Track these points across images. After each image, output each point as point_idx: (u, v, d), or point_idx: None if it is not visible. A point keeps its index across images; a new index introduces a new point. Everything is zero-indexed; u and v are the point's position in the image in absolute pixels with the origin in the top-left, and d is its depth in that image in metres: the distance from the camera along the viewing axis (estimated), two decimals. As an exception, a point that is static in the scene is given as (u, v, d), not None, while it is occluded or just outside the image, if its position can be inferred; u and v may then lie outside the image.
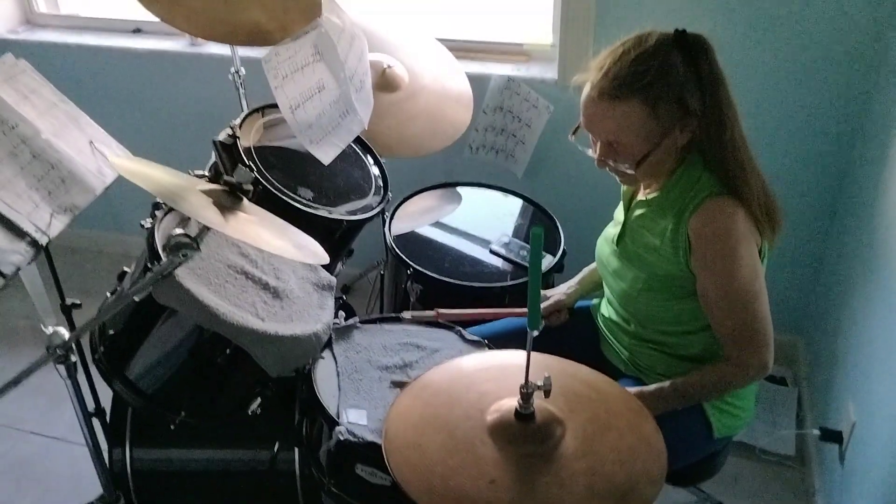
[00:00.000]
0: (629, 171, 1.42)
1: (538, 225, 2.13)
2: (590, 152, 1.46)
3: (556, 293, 1.84)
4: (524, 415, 1.14)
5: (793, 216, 2.37)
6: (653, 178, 1.48)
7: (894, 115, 1.90)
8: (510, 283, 1.93)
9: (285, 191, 1.73)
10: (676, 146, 1.40)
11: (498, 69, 2.39)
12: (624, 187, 1.63)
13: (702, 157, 1.42)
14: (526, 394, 1.13)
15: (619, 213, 1.60)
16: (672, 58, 1.33)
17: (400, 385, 1.52)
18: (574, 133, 1.47)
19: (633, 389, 1.48)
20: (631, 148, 1.39)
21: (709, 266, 1.39)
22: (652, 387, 1.50)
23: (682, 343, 1.53)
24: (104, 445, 1.63)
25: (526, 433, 1.13)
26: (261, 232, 1.30)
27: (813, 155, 2.25)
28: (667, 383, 1.49)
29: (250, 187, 1.30)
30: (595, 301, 1.81)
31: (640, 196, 1.53)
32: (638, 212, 1.52)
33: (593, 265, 1.81)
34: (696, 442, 1.56)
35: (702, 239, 1.38)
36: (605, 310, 1.70)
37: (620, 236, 1.55)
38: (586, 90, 1.39)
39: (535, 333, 1.12)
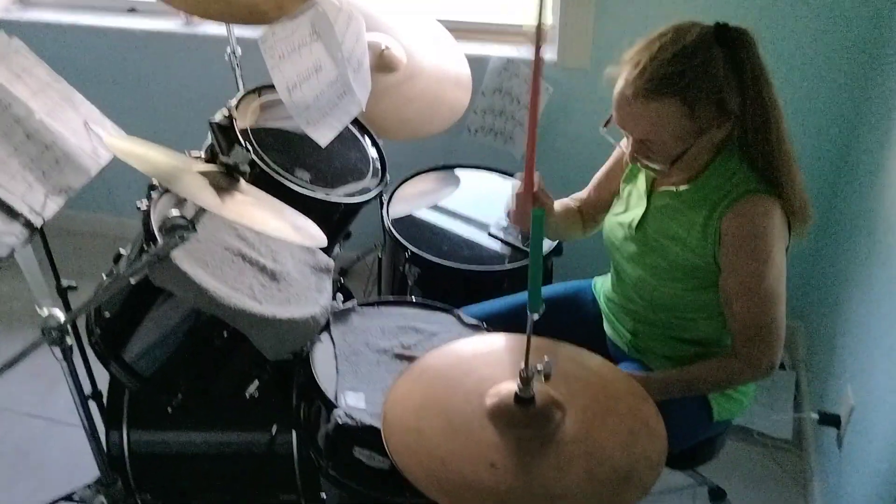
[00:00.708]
0: (662, 168, 1.38)
1: (539, 207, 2.11)
2: (622, 144, 1.44)
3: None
4: (524, 399, 1.13)
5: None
6: (685, 172, 1.45)
7: (895, 100, 1.88)
8: (508, 266, 1.92)
9: (282, 172, 1.71)
10: (713, 143, 1.37)
11: (497, 50, 2.37)
12: (601, 172, 1.63)
13: (740, 153, 1.38)
14: (525, 378, 1.12)
15: (638, 199, 1.55)
16: (713, 56, 1.27)
17: (405, 358, 1.51)
18: (606, 124, 1.41)
19: (639, 375, 1.47)
20: (665, 147, 1.35)
21: (739, 263, 1.37)
22: (658, 374, 1.49)
23: (690, 327, 1.52)
24: (101, 428, 1.63)
25: (525, 417, 1.13)
26: (258, 213, 1.28)
27: (812, 139, 2.24)
28: (674, 372, 1.48)
29: (247, 168, 1.28)
30: (596, 280, 1.80)
31: (667, 186, 1.48)
32: (664, 201, 1.48)
33: (569, 201, 1.79)
34: (695, 425, 1.56)
35: (735, 236, 1.36)
36: (609, 290, 1.69)
37: (641, 223, 1.52)
38: (619, 86, 1.34)
39: (536, 317, 1.12)
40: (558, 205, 1.75)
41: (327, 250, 1.76)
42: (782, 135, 1.36)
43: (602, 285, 1.76)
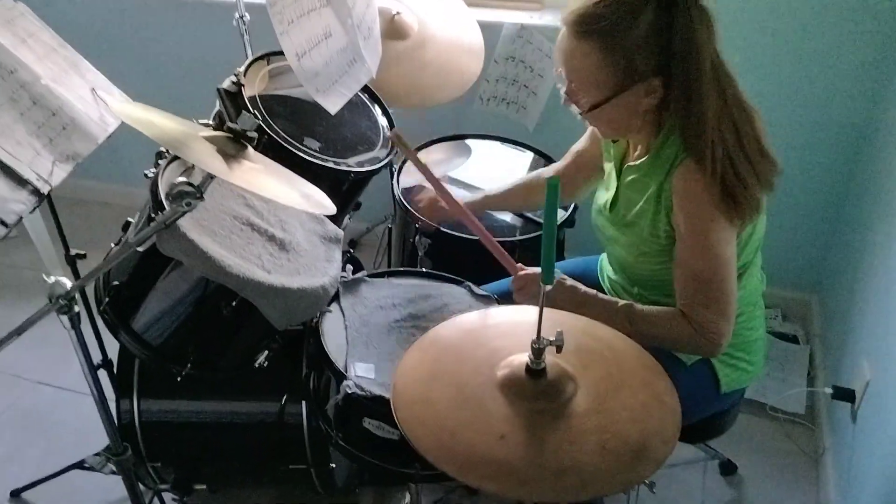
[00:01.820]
0: (579, 115, 1.38)
1: (554, 176, 2.08)
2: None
3: (469, 196, 1.83)
4: (535, 370, 1.12)
5: (810, 174, 2.34)
6: (617, 132, 1.43)
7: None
8: (520, 237, 1.90)
9: (291, 141, 1.69)
10: (640, 107, 1.33)
11: (510, 17, 2.32)
12: (581, 143, 1.61)
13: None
14: (537, 349, 1.11)
15: (610, 178, 1.54)
16: (642, 12, 1.24)
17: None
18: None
19: (588, 290, 1.44)
20: (584, 92, 1.34)
21: (685, 224, 1.34)
22: (605, 296, 1.46)
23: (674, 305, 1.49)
24: (111, 397, 1.63)
25: (537, 389, 1.11)
26: (266, 181, 1.26)
27: (832, 115, 2.20)
28: (620, 301, 1.44)
29: (255, 134, 1.26)
30: (602, 256, 1.77)
31: (632, 161, 1.47)
32: (629, 177, 1.46)
33: (530, 177, 1.79)
34: (703, 398, 1.54)
35: (680, 197, 1.33)
36: (608, 270, 1.67)
37: (613, 203, 1.51)
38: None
39: (548, 288, 1.09)
40: (512, 185, 1.81)
41: (337, 221, 1.74)
42: (709, 111, 1.28)
43: (605, 263, 1.74)
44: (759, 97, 1.32)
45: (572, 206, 1.95)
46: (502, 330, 1.27)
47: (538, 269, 1.45)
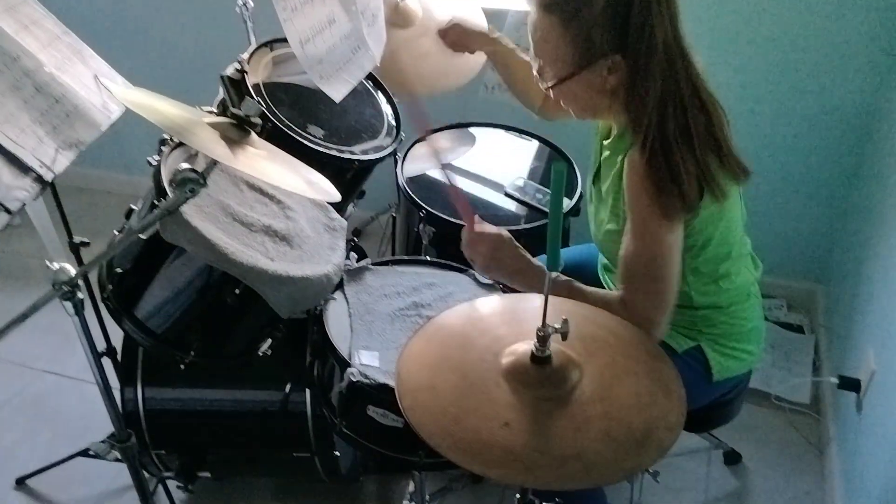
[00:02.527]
0: (545, 89, 1.38)
1: (560, 162, 2.07)
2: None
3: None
4: (540, 358, 1.11)
5: (815, 163, 2.32)
6: (585, 111, 1.42)
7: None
8: (525, 226, 1.89)
9: (295, 128, 1.68)
10: (606, 85, 1.32)
11: (515, 4, 2.30)
12: (598, 125, 1.58)
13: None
14: (542, 336, 1.10)
15: (596, 154, 1.54)
16: None
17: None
18: None
19: (536, 261, 1.42)
20: (549, 67, 1.35)
21: (630, 205, 1.32)
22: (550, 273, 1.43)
23: None
24: (115, 385, 1.63)
25: (542, 376, 1.11)
26: (270, 167, 1.26)
27: (837, 104, 2.18)
28: (562, 277, 1.41)
29: (258, 120, 1.25)
30: None
31: (607, 139, 1.47)
32: (605, 154, 1.46)
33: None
34: (694, 386, 1.52)
35: (629, 178, 1.32)
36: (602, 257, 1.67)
37: (595, 178, 1.50)
38: None
39: (555, 275, 1.09)
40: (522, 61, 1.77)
41: (341, 209, 1.73)
42: (665, 95, 1.27)
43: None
44: (765, 88, 1.31)
45: (577, 195, 1.95)
46: (507, 318, 1.27)
47: (494, 230, 1.44)
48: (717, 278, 1.44)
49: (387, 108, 1.96)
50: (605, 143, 1.46)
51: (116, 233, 1.55)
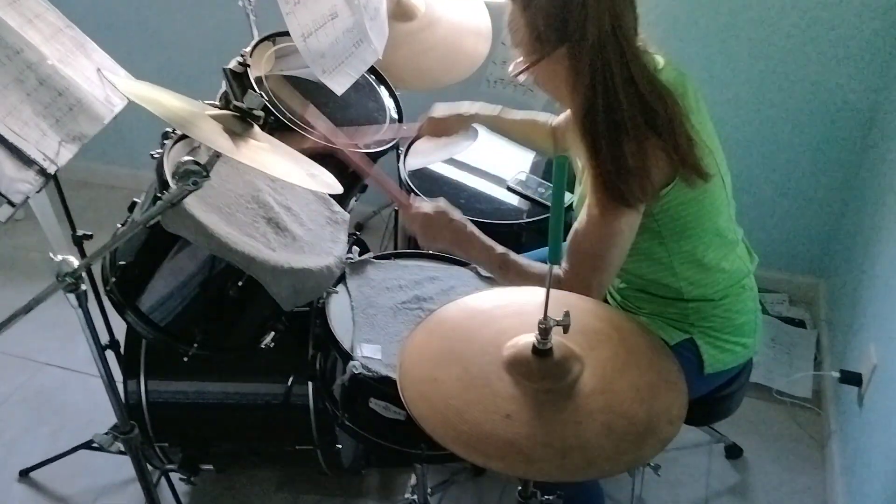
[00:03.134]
0: (518, 78, 1.40)
1: (562, 155, 2.07)
2: None
3: (488, 109, 1.83)
4: (542, 350, 1.11)
5: (817, 159, 2.32)
6: (554, 97, 1.44)
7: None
8: (527, 220, 1.90)
9: (297, 121, 1.68)
10: (561, 72, 1.32)
11: (518, -2, 2.30)
12: None
13: None
14: (544, 329, 1.10)
15: None
16: None
17: None
18: None
19: (473, 229, 1.44)
20: (518, 53, 1.38)
21: (590, 181, 1.34)
22: (486, 240, 1.44)
23: (646, 276, 1.48)
24: (119, 378, 1.63)
25: (543, 369, 1.11)
26: (272, 160, 1.26)
27: (839, 101, 2.18)
28: (499, 250, 1.43)
29: (261, 112, 1.25)
30: None
31: None
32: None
33: (541, 117, 1.79)
34: (688, 378, 1.52)
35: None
36: None
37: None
38: None
39: (556, 269, 1.09)
40: (524, 116, 1.80)
41: (343, 203, 1.73)
42: (583, 81, 1.29)
43: None
44: (767, 85, 1.31)
45: (579, 189, 1.95)
46: (509, 310, 1.27)
47: (429, 205, 1.45)
48: (708, 268, 1.44)
49: (389, 102, 1.97)
50: None
51: (120, 226, 1.55)
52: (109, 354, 1.64)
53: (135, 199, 1.58)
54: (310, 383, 1.66)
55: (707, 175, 1.34)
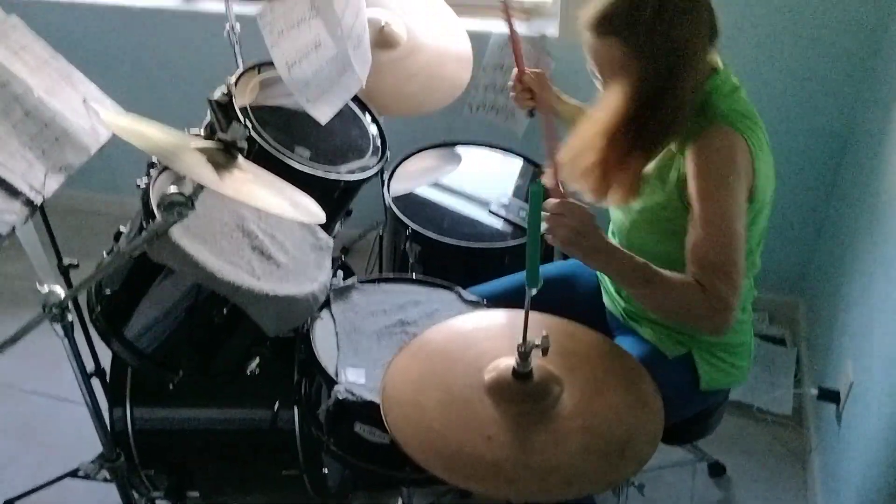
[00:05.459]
0: None
1: (537, 182, 2.11)
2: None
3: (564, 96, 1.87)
4: (522, 373, 1.14)
5: (795, 180, 2.37)
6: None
7: (900, 74, 1.87)
8: (510, 243, 1.92)
9: (282, 150, 1.71)
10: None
11: (498, 26, 2.35)
12: None
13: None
14: (523, 353, 1.13)
15: None
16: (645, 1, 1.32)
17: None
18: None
19: (616, 242, 1.42)
20: (619, 83, 1.38)
21: (699, 193, 1.35)
22: (629, 253, 1.41)
23: None
24: (104, 405, 1.64)
25: (523, 391, 1.13)
26: (257, 190, 1.28)
27: (815, 122, 2.23)
28: (641, 260, 1.40)
29: (245, 144, 1.28)
30: None
31: None
32: None
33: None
34: (683, 393, 1.55)
35: (696, 166, 1.36)
36: None
37: None
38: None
39: (534, 292, 1.12)
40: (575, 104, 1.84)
41: (328, 228, 1.76)
42: (682, 88, 1.35)
43: None
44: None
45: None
46: (490, 333, 1.30)
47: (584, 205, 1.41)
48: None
49: (372, 129, 2.00)
50: None
51: (105, 255, 1.56)
52: (95, 382, 1.65)
53: (120, 228, 1.59)
54: (295, 409, 1.68)
55: (763, 203, 1.41)
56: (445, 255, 1.90)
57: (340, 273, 1.74)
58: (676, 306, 1.36)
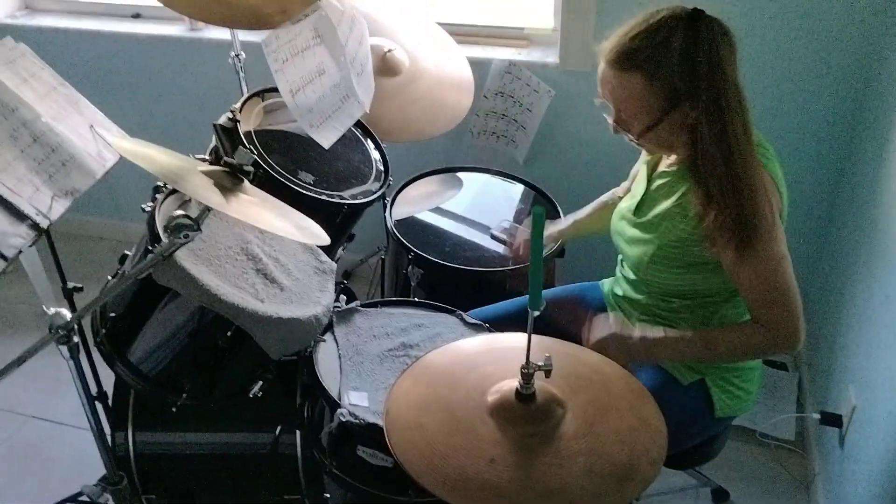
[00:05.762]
0: (636, 141, 1.45)
1: (539, 205, 2.12)
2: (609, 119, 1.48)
3: (561, 224, 1.91)
4: (525, 395, 1.14)
5: (794, 202, 2.38)
6: (668, 150, 1.49)
7: (894, 105, 1.89)
8: (511, 267, 1.93)
9: (286, 174, 1.73)
10: (686, 122, 1.39)
11: (499, 53, 2.38)
12: (637, 165, 1.64)
13: None
14: (527, 374, 1.13)
15: (638, 187, 1.60)
16: (672, 37, 1.33)
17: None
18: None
19: (657, 333, 1.46)
20: (634, 119, 1.42)
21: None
22: (674, 332, 1.48)
23: (684, 315, 1.53)
24: (107, 429, 1.64)
25: (526, 413, 1.14)
26: (262, 213, 1.30)
27: (813, 142, 2.25)
28: (689, 331, 1.47)
29: (251, 168, 1.30)
30: (604, 282, 1.81)
31: (662, 167, 1.54)
32: (659, 181, 1.53)
33: (605, 197, 1.85)
34: (697, 422, 1.56)
35: None
36: (617, 288, 1.71)
37: (639, 205, 1.56)
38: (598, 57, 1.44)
39: (537, 313, 1.13)
40: (593, 207, 1.88)
41: (331, 253, 1.77)
42: (735, 129, 1.36)
43: (609, 285, 1.77)
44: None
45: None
46: (493, 356, 1.30)
47: (605, 332, 1.48)
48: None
49: (375, 154, 2.02)
50: (663, 171, 1.53)
51: (110, 278, 1.58)
52: (97, 406, 1.65)
53: (126, 252, 1.60)
54: (298, 433, 1.67)
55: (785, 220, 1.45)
56: (447, 279, 1.91)
57: (343, 297, 1.75)
58: (746, 350, 1.45)
